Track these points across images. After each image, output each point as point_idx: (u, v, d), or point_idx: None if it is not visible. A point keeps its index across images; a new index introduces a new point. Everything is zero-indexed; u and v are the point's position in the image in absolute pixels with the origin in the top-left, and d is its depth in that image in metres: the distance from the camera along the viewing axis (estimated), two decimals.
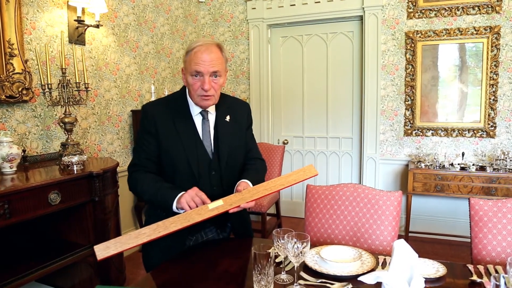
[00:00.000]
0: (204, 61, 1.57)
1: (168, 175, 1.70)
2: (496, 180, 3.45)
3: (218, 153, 1.73)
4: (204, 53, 1.58)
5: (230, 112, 1.80)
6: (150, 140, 1.68)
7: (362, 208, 1.96)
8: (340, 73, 4.46)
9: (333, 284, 1.36)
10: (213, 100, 1.67)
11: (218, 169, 1.73)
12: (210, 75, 1.60)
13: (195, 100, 1.66)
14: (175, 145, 1.66)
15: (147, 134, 1.69)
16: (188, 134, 1.68)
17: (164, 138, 1.67)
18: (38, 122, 2.80)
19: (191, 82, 1.62)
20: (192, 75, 1.61)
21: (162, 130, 1.67)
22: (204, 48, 1.59)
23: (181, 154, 1.66)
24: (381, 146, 4.26)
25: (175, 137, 1.67)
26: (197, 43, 1.61)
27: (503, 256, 1.70)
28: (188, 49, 1.63)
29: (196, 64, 1.58)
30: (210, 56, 1.58)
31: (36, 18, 2.74)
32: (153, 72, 4.05)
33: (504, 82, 3.76)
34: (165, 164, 1.70)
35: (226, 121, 1.77)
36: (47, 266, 2.21)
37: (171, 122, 1.67)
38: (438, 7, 3.89)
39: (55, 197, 2.16)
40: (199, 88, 1.61)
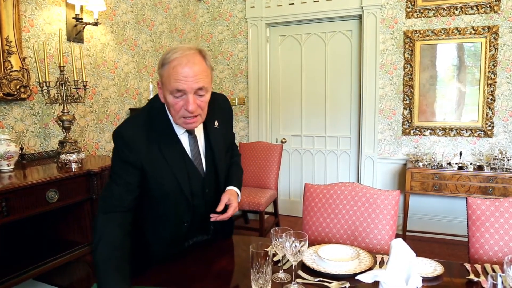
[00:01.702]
0: (186, 76, 1.28)
1: (158, 203, 1.50)
2: (494, 179, 3.46)
3: (213, 167, 1.57)
4: (186, 66, 1.29)
5: (217, 115, 1.57)
6: (131, 170, 1.39)
7: (360, 207, 1.97)
8: (338, 72, 4.46)
9: (331, 283, 1.36)
10: (199, 121, 1.41)
11: (213, 184, 1.59)
12: (195, 92, 1.32)
13: (177, 122, 1.40)
14: (164, 174, 1.43)
15: (126, 164, 1.39)
16: (177, 158, 1.45)
17: (151, 169, 1.41)
18: (36, 120, 2.79)
19: (171, 102, 1.33)
20: (172, 94, 1.32)
21: (147, 160, 1.39)
22: (186, 60, 1.29)
23: (172, 182, 1.44)
24: (379, 145, 4.27)
25: (163, 165, 1.42)
26: (175, 53, 1.30)
27: (500, 255, 1.70)
28: (164, 60, 1.32)
29: (177, 80, 1.29)
30: (193, 70, 1.30)
31: (34, 15, 2.73)
32: (151, 70, 4.04)
33: (502, 82, 3.77)
34: (155, 193, 1.46)
35: (216, 128, 1.57)
36: (44, 264, 2.20)
37: (156, 149, 1.41)
38: (437, 7, 3.89)
39: (53, 195, 2.16)
40: (181, 109, 1.33)
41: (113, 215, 1.36)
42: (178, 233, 1.59)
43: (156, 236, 1.56)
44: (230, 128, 1.72)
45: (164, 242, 1.57)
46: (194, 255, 1.65)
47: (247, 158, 4.14)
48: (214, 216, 1.54)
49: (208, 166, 1.55)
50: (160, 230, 1.55)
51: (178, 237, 1.61)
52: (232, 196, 1.59)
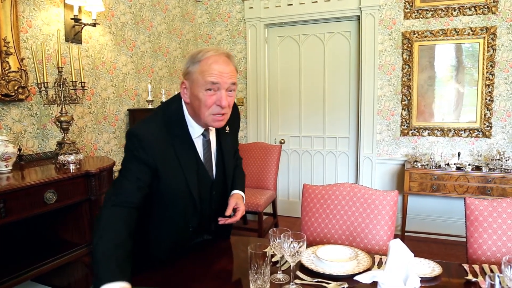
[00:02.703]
0: (221, 72, 1.35)
1: (166, 204, 1.50)
2: (492, 180, 3.46)
3: (223, 171, 1.61)
4: (222, 64, 1.37)
5: (229, 120, 1.56)
6: (143, 168, 1.39)
7: (358, 208, 1.97)
8: (337, 73, 4.47)
9: (329, 284, 1.36)
10: (226, 119, 1.45)
11: (221, 188, 1.63)
12: (227, 88, 1.39)
13: (206, 120, 1.41)
14: (176, 176, 1.45)
15: (140, 162, 1.39)
16: (189, 161, 1.47)
17: (164, 170, 1.42)
18: (34, 120, 2.78)
19: (203, 98, 1.37)
20: (206, 88, 1.36)
21: (161, 161, 1.41)
22: (221, 59, 1.37)
23: (182, 184, 1.46)
24: (378, 145, 4.27)
25: (176, 167, 1.44)
26: (208, 53, 1.38)
27: (498, 256, 1.71)
28: (197, 58, 1.38)
29: (212, 75, 1.34)
30: (228, 67, 1.38)
31: (33, 16, 2.73)
32: (150, 71, 4.04)
33: (500, 83, 3.78)
34: (164, 194, 1.47)
35: (227, 133, 1.61)
36: (43, 265, 2.20)
37: (171, 151, 1.43)
38: (435, 8, 3.90)
39: (51, 196, 2.15)
40: (213, 105, 1.37)
41: (120, 210, 1.33)
42: (182, 237, 1.60)
43: (159, 240, 1.56)
44: (236, 131, 1.76)
45: (167, 246, 1.57)
46: (193, 255, 1.65)
47: (246, 158, 4.14)
48: (222, 220, 1.59)
49: (218, 170, 1.58)
50: (164, 234, 1.55)
51: (181, 241, 1.62)
52: (239, 200, 1.63)
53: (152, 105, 3.72)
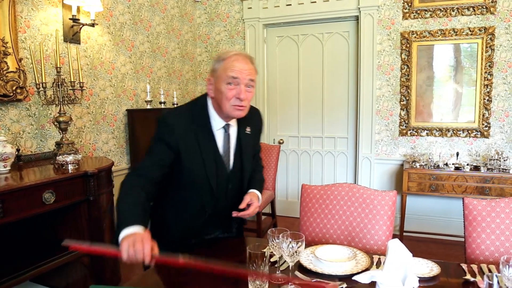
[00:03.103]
0: (241, 69, 1.54)
1: (185, 187, 1.66)
2: (490, 180, 3.47)
3: (240, 166, 1.73)
4: (242, 62, 1.56)
5: (248, 122, 1.76)
6: (165, 150, 1.59)
7: (357, 208, 1.97)
8: (335, 73, 4.47)
9: (327, 284, 1.36)
10: (245, 111, 1.62)
11: (237, 181, 1.74)
12: (246, 84, 1.56)
13: (227, 110, 1.58)
14: (196, 161, 1.61)
15: (164, 144, 1.59)
16: (209, 149, 1.64)
17: (185, 154, 1.60)
18: (33, 121, 2.78)
19: (224, 91, 1.55)
20: (227, 82, 1.55)
21: (184, 146, 1.59)
22: (241, 58, 1.57)
23: (201, 169, 1.62)
24: (376, 146, 4.27)
25: (197, 153, 1.61)
26: (232, 52, 1.58)
27: (496, 255, 1.71)
28: (221, 57, 1.59)
29: (233, 71, 1.54)
30: (248, 66, 1.57)
31: (31, 16, 2.73)
32: (148, 71, 4.04)
33: (498, 83, 3.79)
34: (184, 177, 1.64)
35: (248, 133, 1.76)
36: (41, 266, 2.20)
37: (193, 138, 1.61)
38: (433, 8, 3.90)
39: (50, 197, 2.15)
40: (233, 97, 1.55)
41: (138, 179, 1.53)
42: (197, 222, 1.72)
43: (176, 221, 1.71)
44: (258, 139, 1.91)
45: (182, 228, 1.71)
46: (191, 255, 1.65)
47: None
48: (236, 213, 1.68)
49: (235, 164, 1.72)
50: (181, 215, 1.69)
51: (196, 227, 1.73)
52: (254, 197, 1.73)
53: (151, 105, 3.71)
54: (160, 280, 1.44)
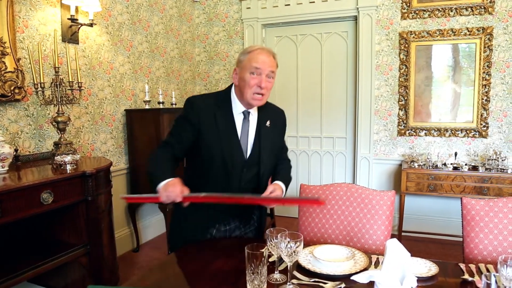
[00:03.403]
0: (264, 61, 1.72)
1: (204, 165, 1.81)
2: (488, 179, 3.47)
3: (257, 154, 1.83)
4: (264, 55, 1.74)
5: (270, 118, 1.90)
6: (188, 128, 1.77)
7: (355, 208, 1.97)
8: (334, 73, 4.47)
9: (326, 284, 1.36)
10: (263, 100, 1.78)
11: (251, 168, 1.83)
12: (267, 74, 1.73)
13: (248, 97, 1.74)
14: (213, 139, 1.76)
15: (187, 122, 1.77)
16: (227, 130, 1.78)
17: (205, 131, 1.76)
18: (31, 121, 2.78)
19: (248, 79, 1.72)
20: (250, 72, 1.72)
21: (204, 123, 1.76)
22: (264, 51, 1.75)
23: (218, 147, 1.76)
24: (375, 146, 4.28)
25: (215, 131, 1.76)
26: (256, 47, 1.77)
27: (494, 255, 1.71)
28: (247, 50, 1.78)
29: (257, 62, 1.71)
30: (269, 59, 1.74)
31: (29, 16, 2.72)
32: (147, 71, 4.04)
33: (496, 83, 3.79)
34: (203, 154, 1.79)
35: (267, 126, 1.88)
36: (39, 266, 2.19)
37: (212, 117, 1.77)
38: (432, 8, 3.91)
39: (48, 197, 2.15)
40: (254, 85, 1.72)
41: (163, 151, 1.78)
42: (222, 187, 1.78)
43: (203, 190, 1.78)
44: (280, 135, 2.02)
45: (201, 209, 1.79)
46: (192, 254, 1.65)
47: None
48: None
49: (253, 153, 1.83)
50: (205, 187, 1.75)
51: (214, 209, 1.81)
52: (278, 188, 1.79)
53: (149, 105, 3.71)
54: (158, 280, 1.44)
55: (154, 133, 3.56)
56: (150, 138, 3.59)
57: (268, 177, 1.95)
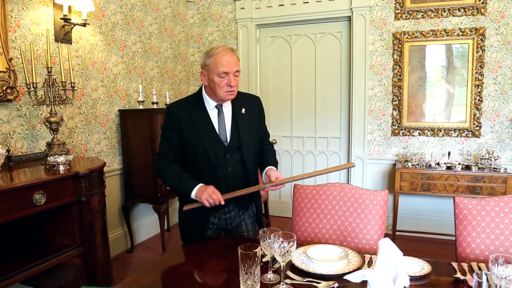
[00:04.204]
0: (229, 62, 1.85)
1: (190, 160, 1.97)
2: (481, 179, 3.50)
3: (237, 139, 1.97)
4: (228, 56, 1.86)
5: (244, 105, 2.04)
6: (173, 135, 1.95)
7: (349, 207, 1.97)
8: (328, 73, 4.48)
9: (319, 283, 1.36)
10: (235, 94, 1.94)
11: (234, 153, 1.97)
12: (233, 74, 1.87)
13: (221, 96, 1.90)
14: (193, 135, 1.92)
15: (170, 130, 1.96)
16: (204, 124, 1.94)
17: (185, 131, 1.93)
18: (23, 121, 2.76)
19: (217, 81, 1.86)
20: (218, 75, 1.85)
21: (182, 124, 1.93)
22: (227, 52, 1.87)
23: (198, 141, 1.92)
24: (369, 145, 4.29)
25: (193, 128, 1.93)
26: (218, 49, 1.87)
27: (486, 254, 1.72)
28: (210, 53, 1.89)
29: (223, 66, 1.84)
30: (233, 59, 1.87)
31: (21, 16, 2.70)
32: (141, 71, 4.02)
33: (489, 83, 3.82)
34: (188, 151, 1.96)
35: (242, 113, 2.02)
36: (31, 268, 2.18)
37: (189, 116, 1.94)
38: (425, 9, 3.93)
39: (40, 198, 2.13)
40: (225, 86, 1.86)
41: (166, 160, 1.97)
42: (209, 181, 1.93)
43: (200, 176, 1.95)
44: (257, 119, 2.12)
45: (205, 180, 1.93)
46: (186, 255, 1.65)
47: None
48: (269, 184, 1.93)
49: (232, 138, 1.97)
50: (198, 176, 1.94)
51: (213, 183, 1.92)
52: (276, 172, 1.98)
53: (143, 105, 3.70)
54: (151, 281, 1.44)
55: (148, 133, 3.55)
56: (144, 139, 3.58)
57: (254, 162, 2.08)
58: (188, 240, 2.01)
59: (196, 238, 1.96)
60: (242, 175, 2.00)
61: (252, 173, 2.06)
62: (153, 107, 3.76)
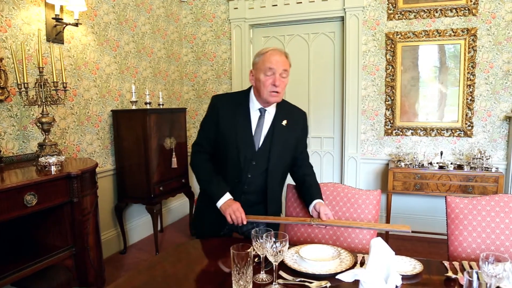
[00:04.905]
0: (277, 61, 1.86)
1: (220, 156, 1.99)
2: (473, 178, 3.52)
3: (267, 149, 1.94)
4: (277, 55, 1.87)
5: (287, 118, 2.02)
6: (211, 125, 1.98)
7: (341, 207, 1.98)
8: (321, 73, 4.49)
9: (311, 283, 1.36)
10: (279, 97, 1.93)
11: (260, 162, 1.94)
12: (280, 73, 1.86)
13: (265, 96, 1.89)
14: (228, 130, 1.93)
15: (209, 121, 2.00)
16: (242, 124, 1.94)
17: (222, 124, 1.94)
18: (14, 122, 2.73)
19: (263, 79, 1.86)
20: (265, 73, 1.86)
21: (221, 117, 1.95)
22: (277, 52, 1.89)
23: (232, 138, 1.92)
24: (362, 145, 4.31)
25: (231, 124, 1.93)
26: (269, 49, 1.91)
27: (478, 252, 1.74)
28: (260, 52, 1.92)
29: (270, 62, 1.85)
30: (282, 59, 1.88)
31: (12, 15, 2.68)
32: (134, 71, 4.01)
33: (480, 83, 3.85)
34: (219, 144, 1.97)
35: (283, 125, 1.99)
36: (22, 269, 2.15)
37: (230, 111, 1.95)
38: (417, 9, 3.95)
39: (31, 199, 2.11)
40: (270, 85, 1.85)
41: (200, 154, 2.03)
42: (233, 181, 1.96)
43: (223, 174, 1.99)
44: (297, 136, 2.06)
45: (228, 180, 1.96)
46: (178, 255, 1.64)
47: None
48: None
49: (263, 146, 1.94)
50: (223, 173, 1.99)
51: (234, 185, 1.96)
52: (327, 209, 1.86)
53: (136, 106, 3.68)
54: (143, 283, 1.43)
55: (141, 133, 3.53)
56: (137, 139, 3.56)
57: (280, 179, 2.03)
58: (200, 233, 2.04)
59: (209, 234, 1.97)
60: (262, 186, 1.96)
61: (273, 190, 1.99)
62: (146, 107, 3.74)
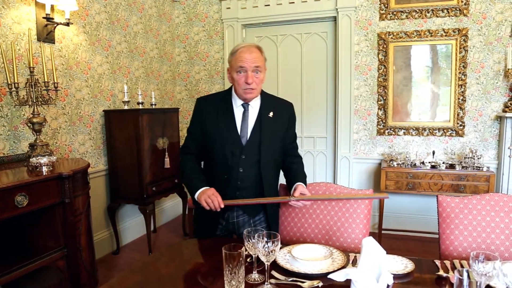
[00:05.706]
0: (247, 58, 1.84)
1: (208, 155, 2.02)
2: (465, 177, 3.55)
3: (257, 141, 1.93)
4: (246, 52, 1.85)
5: (273, 109, 2.02)
6: (197, 126, 2.01)
7: (334, 207, 1.99)
8: (314, 73, 4.50)
9: (303, 282, 1.37)
10: (255, 93, 1.93)
11: (250, 154, 1.93)
12: (252, 70, 1.85)
13: (240, 94, 1.91)
14: (213, 129, 1.94)
15: (194, 121, 2.03)
16: (226, 120, 1.94)
17: (207, 123, 1.96)
18: (5, 122, 2.71)
19: (236, 78, 1.88)
20: (237, 71, 1.86)
21: (205, 117, 1.97)
22: (246, 49, 1.87)
23: (217, 136, 1.93)
24: (355, 145, 4.32)
25: (215, 122, 1.95)
26: (240, 45, 1.90)
27: (469, 251, 1.75)
28: (233, 51, 1.91)
29: (241, 61, 1.84)
30: (252, 55, 1.85)
31: (1, 14, 2.65)
32: (126, 71, 3.98)
33: (472, 83, 3.88)
34: (206, 143, 1.99)
35: (269, 117, 1.99)
36: (14, 271, 2.14)
37: (214, 110, 1.97)
38: (409, 9, 3.97)
39: (22, 200, 2.09)
40: (243, 83, 1.86)
41: (189, 156, 2.05)
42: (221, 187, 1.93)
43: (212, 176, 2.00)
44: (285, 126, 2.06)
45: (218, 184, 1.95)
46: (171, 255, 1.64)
47: None
48: None
49: (252, 138, 1.94)
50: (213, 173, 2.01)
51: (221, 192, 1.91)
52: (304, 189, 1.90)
53: (128, 106, 3.66)
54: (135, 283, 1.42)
55: (133, 133, 3.51)
56: (129, 139, 3.54)
57: (274, 170, 2.03)
58: (199, 235, 2.04)
59: (206, 235, 1.97)
60: (256, 179, 1.95)
61: (268, 181, 1.98)
62: (138, 107, 3.72)
